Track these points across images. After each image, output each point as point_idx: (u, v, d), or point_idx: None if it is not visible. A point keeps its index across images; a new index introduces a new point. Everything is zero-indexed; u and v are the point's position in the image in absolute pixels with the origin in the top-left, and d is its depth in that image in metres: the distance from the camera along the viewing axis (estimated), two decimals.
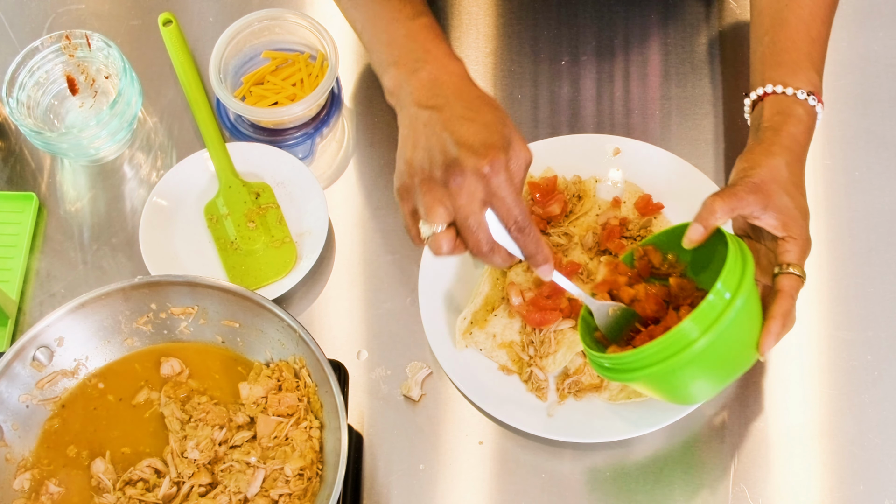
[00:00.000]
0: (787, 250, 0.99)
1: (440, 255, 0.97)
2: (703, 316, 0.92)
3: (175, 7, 1.37)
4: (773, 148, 1.02)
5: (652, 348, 0.94)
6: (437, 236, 0.96)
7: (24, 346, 1.04)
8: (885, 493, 1.08)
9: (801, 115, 1.05)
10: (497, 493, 1.11)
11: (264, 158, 1.25)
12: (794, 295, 0.98)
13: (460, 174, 0.94)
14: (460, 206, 0.94)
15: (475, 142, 0.94)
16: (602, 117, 1.27)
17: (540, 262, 0.99)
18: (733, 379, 1.01)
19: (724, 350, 0.95)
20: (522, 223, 0.96)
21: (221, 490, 1.02)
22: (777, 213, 0.99)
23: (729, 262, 0.94)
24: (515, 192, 0.95)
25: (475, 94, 1.00)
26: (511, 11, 1.33)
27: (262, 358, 1.09)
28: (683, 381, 0.97)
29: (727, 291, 0.93)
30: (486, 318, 1.15)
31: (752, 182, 0.99)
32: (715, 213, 0.98)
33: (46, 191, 1.28)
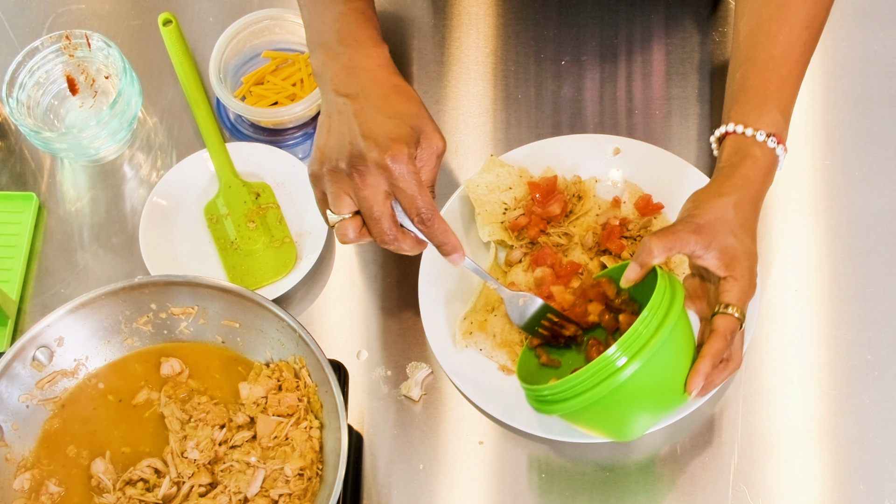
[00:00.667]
0: (726, 290, 0.98)
1: (346, 242, 1.01)
2: (629, 343, 0.93)
3: (175, 7, 1.37)
4: (723, 189, 1.02)
5: (581, 376, 0.94)
6: (342, 223, 1.00)
7: (24, 346, 1.04)
8: (885, 493, 1.08)
9: (758, 157, 1.05)
10: (497, 493, 1.11)
11: (264, 158, 1.25)
12: (727, 336, 0.97)
13: (363, 166, 0.97)
14: (363, 197, 0.98)
15: (380, 134, 0.97)
16: (603, 117, 1.27)
17: (448, 251, 1.01)
18: (665, 415, 1.00)
19: (654, 381, 0.94)
20: (426, 214, 0.98)
21: (221, 490, 1.02)
22: (719, 253, 0.98)
23: (656, 293, 0.95)
24: (418, 183, 0.97)
25: (391, 83, 1.02)
26: (511, 11, 1.33)
27: (262, 358, 1.09)
28: (616, 412, 0.96)
29: (653, 320, 0.93)
30: (486, 318, 1.15)
31: (696, 223, 0.99)
32: (652, 253, 0.98)
33: (46, 191, 1.28)
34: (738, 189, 1.02)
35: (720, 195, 1.01)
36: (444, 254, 1.01)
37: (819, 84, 1.26)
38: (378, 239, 1.00)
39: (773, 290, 1.17)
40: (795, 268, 1.18)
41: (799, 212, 1.20)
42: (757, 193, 1.04)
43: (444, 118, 1.28)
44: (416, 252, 1.02)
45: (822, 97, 1.26)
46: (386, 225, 0.98)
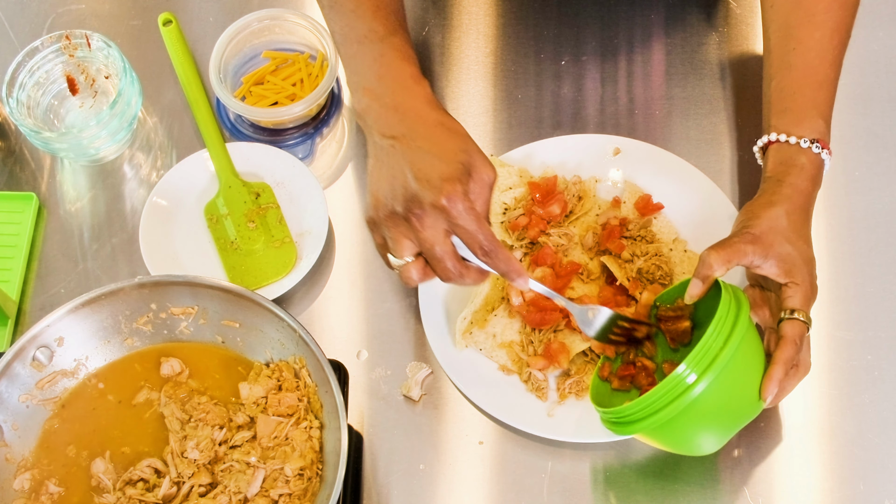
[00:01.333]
0: (790, 296, 1.00)
1: (411, 285, 1.01)
2: (698, 359, 0.94)
3: (175, 7, 1.37)
4: (774, 198, 1.03)
5: (652, 396, 0.95)
6: (406, 267, 1.00)
7: (24, 346, 1.04)
8: (885, 493, 1.08)
9: (805, 164, 1.06)
10: (497, 493, 1.11)
11: (264, 158, 1.25)
12: (797, 341, 0.98)
13: (420, 209, 0.96)
14: (423, 238, 0.97)
15: (433, 175, 0.96)
16: (603, 117, 1.27)
17: (514, 277, 1.00)
18: (740, 426, 1.00)
19: (725, 395, 0.95)
20: (488, 247, 0.98)
21: (221, 490, 1.02)
22: (778, 261, 1.00)
23: (721, 306, 0.95)
24: (476, 218, 0.97)
25: (435, 120, 1.01)
26: (511, 11, 1.33)
27: (262, 358, 1.09)
28: (688, 429, 0.97)
29: (721, 335, 0.94)
30: (486, 318, 1.15)
31: (751, 233, 1.00)
32: (711, 267, 0.99)
33: (46, 191, 1.28)
34: (789, 198, 1.03)
35: (772, 205, 1.03)
36: (510, 280, 1.01)
37: None
38: (443, 277, 0.99)
39: None
40: None
41: None
42: (807, 200, 1.05)
43: None
44: (481, 283, 1.02)
45: None
46: (450, 264, 0.98)
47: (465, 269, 1.00)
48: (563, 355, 1.11)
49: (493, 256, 0.98)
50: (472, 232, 0.97)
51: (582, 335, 1.12)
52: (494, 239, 0.98)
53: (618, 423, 0.99)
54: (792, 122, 1.08)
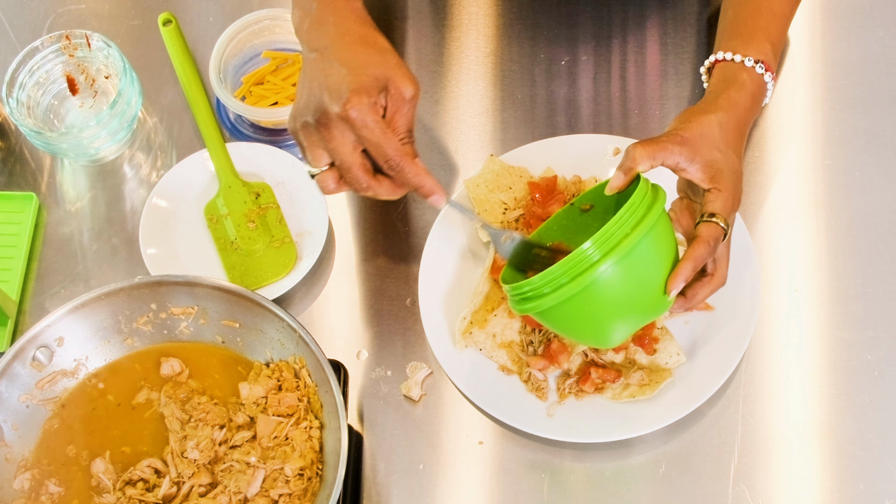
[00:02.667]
0: (710, 200, 1.00)
1: (328, 193, 1.03)
2: (604, 238, 0.93)
3: (175, 7, 1.37)
4: (709, 107, 1.05)
5: (556, 271, 0.94)
6: (322, 176, 1.02)
7: (24, 346, 1.05)
8: (885, 493, 1.08)
9: (745, 81, 1.08)
10: (497, 493, 1.11)
11: (264, 158, 1.25)
12: (710, 242, 0.98)
13: (327, 120, 0.99)
14: (332, 149, 1.00)
15: (342, 87, 0.99)
16: (601, 117, 1.27)
17: (426, 193, 1.02)
18: (644, 321, 1.01)
19: (629, 281, 0.95)
20: (393, 161, 1.00)
21: (221, 490, 1.02)
22: (703, 166, 1.00)
23: (635, 194, 0.95)
24: (381, 131, 0.99)
25: (358, 34, 1.03)
26: (511, 11, 1.33)
27: (262, 358, 1.09)
28: (590, 313, 0.96)
29: (631, 219, 0.94)
30: (486, 318, 1.15)
31: (681, 135, 1.01)
32: (635, 160, 0.99)
33: (46, 191, 1.28)
34: (724, 109, 1.05)
35: (706, 112, 1.04)
36: (422, 196, 1.02)
37: (819, 84, 1.27)
38: (354, 188, 1.02)
39: (773, 290, 1.17)
40: (795, 268, 1.18)
41: (799, 212, 1.20)
42: (743, 116, 1.07)
43: (444, 118, 1.28)
44: (396, 196, 1.04)
45: (822, 97, 1.26)
46: (357, 173, 1.01)
47: (374, 181, 1.02)
48: (563, 355, 1.11)
49: (398, 170, 1.00)
50: (377, 144, 0.99)
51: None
52: (401, 153, 1.00)
53: (522, 300, 0.98)
54: (740, 43, 1.10)
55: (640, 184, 0.97)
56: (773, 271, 1.17)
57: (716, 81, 1.09)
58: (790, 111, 1.25)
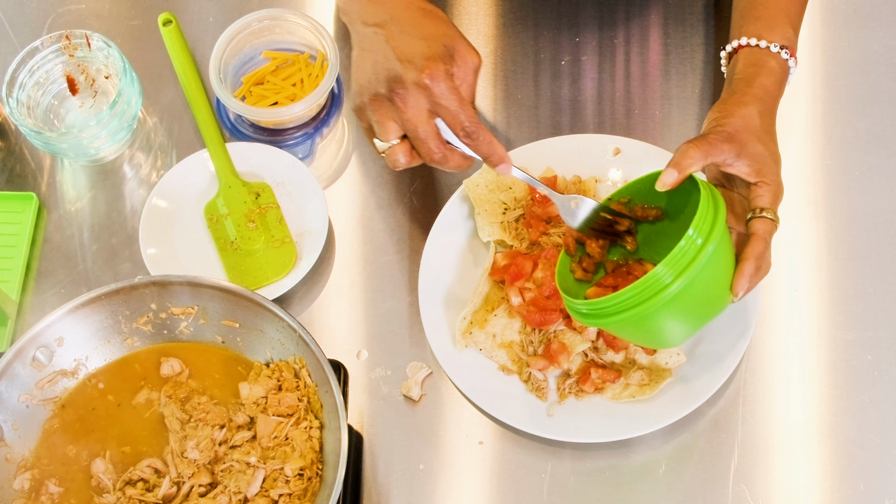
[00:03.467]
0: (760, 195, 1.01)
1: (398, 167, 1.04)
2: (676, 261, 0.94)
3: (175, 7, 1.37)
4: (745, 98, 1.05)
5: (627, 294, 0.95)
6: (392, 150, 1.03)
7: (24, 346, 1.04)
8: (885, 493, 1.08)
9: (774, 68, 1.08)
10: (497, 493, 1.11)
11: (264, 158, 1.25)
12: (766, 238, 0.99)
13: (402, 88, 0.99)
14: (407, 119, 1.00)
15: (415, 55, 0.99)
16: (602, 117, 1.27)
17: (495, 161, 1.04)
18: (708, 321, 1.02)
19: (698, 294, 0.96)
20: (470, 128, 1.01)
21: (221, 490, 1.02)
22: (750, 160, 1.01)
23: (701, 208, 0.95)
24: (459, 99, 1.00)
25: (418, 6, 1.04)
26: (511, 11, 1.33)
27: (262, 358, 1.09)
28: (659, 325, 0.98)
29: (699, 237, 0.94)
30: (486, 318, 1.15)
31: (726, 131, 1.01)
32: (689, 159, 0.99)
33: (46, 191, 1.28)
34: (760, 99, 1.05)
35: (744, 104, 1.04)
36: (491, 165, 1.04)
37: (819, 84, 1.27)
38: (427, 158, 1.03)
39: (773, 290, 1.17)
40: (795, 268, 1.18)
41: (799, 212, 1.20)
42: (774, 102, 1.07)
43: None
44: (464, 168, 1.05)
45: (822, 97, 1.26)
46: (433, 143, 1.01)
47: (448, 151, 1.03)
48: (563, 355, 1.11)
49: (474, 138, 1.01)
50: (454, 112, 1.00)
51: (582, 336, 1.12)
52: (477, 120, 1.01)
53: (588, 315, 0.99)
54: (763, 28, 1.10)
55: (703, 193, 0.97)
56: (774, 271, 1.17)
57: (743, 67, 1.09)
58: (790, 111, 1.25)
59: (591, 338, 1.12)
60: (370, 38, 1.03)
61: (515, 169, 1.05)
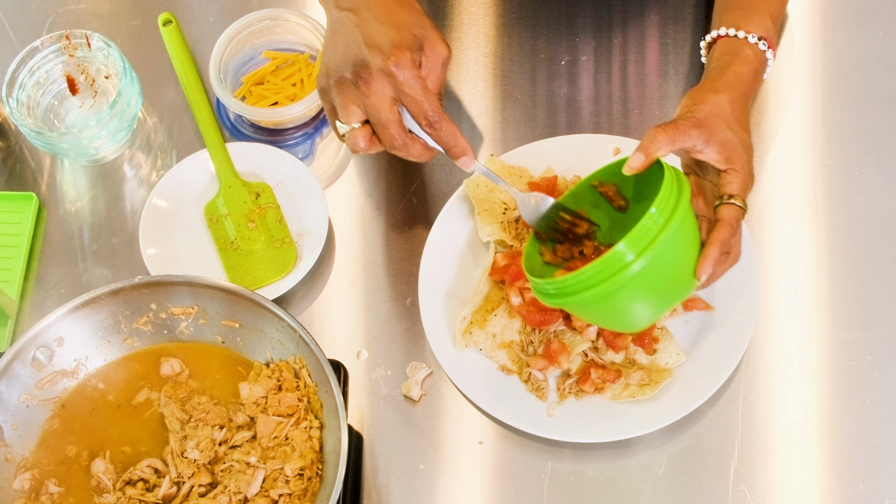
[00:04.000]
0: (728, 182, 1.01)
1: (357, 151, 1.04)
2: (638, 238, 0.94)
3: (175, 7, 1.37)
4: (717, 85, 1.05)
5: (589, 271, 0.95)
6: (353, 133, 1.03)
7: (24, 346, 1.04)
8: (885, 493, 1.08)
9: (749, 56, 1.09)
10: (497, 493, 1.11)
11: (264, 158, 1.25)
12: (733, 224, 0.99)
13: (368, 73, 1.00)
14: (370, 104, 1.00)
15: (383, 42, 1.00)
16: (601, 117, 1.27)
17: (457, 154, 1.03)
18: (674, 304, 1.02)
19: (661, 273, 0.96)
20: (432, 118, 1.01)
21: (221, 490, 1.02)
22: (719, 147, 1.01)
23: (664, 188, 0.95)
24: (423, 88, 1.00)
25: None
26: (511, 11, 1.33)
27: (262, 358, 1.09)
28: (624, 305, 0.98)
29: (661, 216, 0.94)
30: (486, 318, 1.15)
31: (695, 117, 1.01)
32: (656, 143, 0.99)
33: (46, 191, 1.28)
34: (732, 86, 1.05)
35: (716, 91, 1.04)
36: (453, 157, 1.04)
37: (819, 84, 1.27)
38: (388, 145, 1.03)
39: (773, 290, 1.17)
40: (795, 268, 1.18)
41: (799, 212, 1.20)
42: (748, 91, 1.07)
43: None
44: (425, 159, 1.05)
45: (822, 97, 1.26)
46: (394, 130, 1.01)
47: (410, 139, 1.03)
48: (563, 355, 1.11)
49: (437, 128, 1.01)
50: (418, 100, 1.00)
51: (582, 336, 1.12)
52: (440, 110, 1.01)
53: (552, 295, 0.99)
54: (741, 18, 1.10)
55: (666, 174, 0.97)
56: (773, 271, 1.17)
57: (718, 55, 1.09)
58: (790, 111, 1.25)
59: (591, 338, 1.12)
60: (342, 22, 1.03)
61: (477, 164, 1.05)
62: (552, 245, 1.08)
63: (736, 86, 1.06)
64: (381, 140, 1.03)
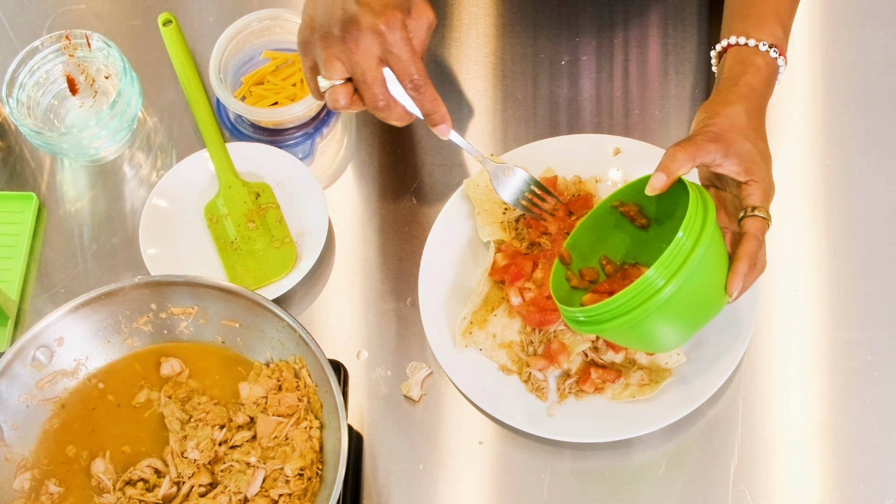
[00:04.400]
0: (750, 194, 1.00)
1: (337, 108, 1.02)
2: (667, 264, 0.94)
3: (175, 7, 1.37)
4: (731, 97, 1.04)
5: (620, 299, 0.95)
6: (334, 90, 1.02)
7: (24, 346, 1.04)
8: (885, 493, 1.08)
9: (761, 66, 1.08)
10: (497, 493, 1.11)
11: (264, 158, 1.25)
12: (759, 236, 0.99)
13: (357, 30, 0.98)
14: (356, 61, 0.99)
15: (373, 0, 0.98)
16: (602, 117, 1.27)
17: (437, 120, 1.04)
18: (705, 323, 1.02)
19: (692, 296, 0.96)
20: (418, 81, 1.00)
21: (221, 490, 1.02)
22: (738, 159, 1.00)
23: (690, 210, 0.95)
24: (411, 50, 1.00)
25: None
26: (511, 11, 1.33)
27: (262, 358, 1.09)
28: (656, 329, 0.98)
29: (688, 239, 0.94)
30: (486, 318, 1.15)
31: (713, 131, 1.01)
32: (676, 162, 0.99)
33: (46, 191, 1.28)
34: (746, 97, 1.05)
35: (730, 103, 1.04)
36: (431, 124, 1.04)
37: (819, 84, 1.27)
38: (370, 105, 1.01)
39: (773, 290, 1.17)
40: (795, 268, 1.18)
41: (799, 212, 1.20)
42: (761, 101, 1.07)
43: None
44: (404, 123, 1.04)
45: (822, 97, 1.26)
46: (378, 90, 1.00)
47: (393, 101, 1.02)
48: (563, 355, 1.11)
49: (421, 92, 1.01)
50: (405, 62, 0.99)
51: (582, 336, 1.12)
52: (426, 75, 1.00)
53: (584, 323, 0.99)
54: (751, 26, 1.09)
55: (691, 195, 0.97)
56: (773, 271, 1.17)
57: (730, 65, 1.09)
58: (790, 111, 1.25)
59: (591, 338, 1.12)
60: None
61: (453, 133, 1.05)
62: (578, 270, 1.09)
63: (749, 96, 1.05)
64: (364, 99, 1.02)
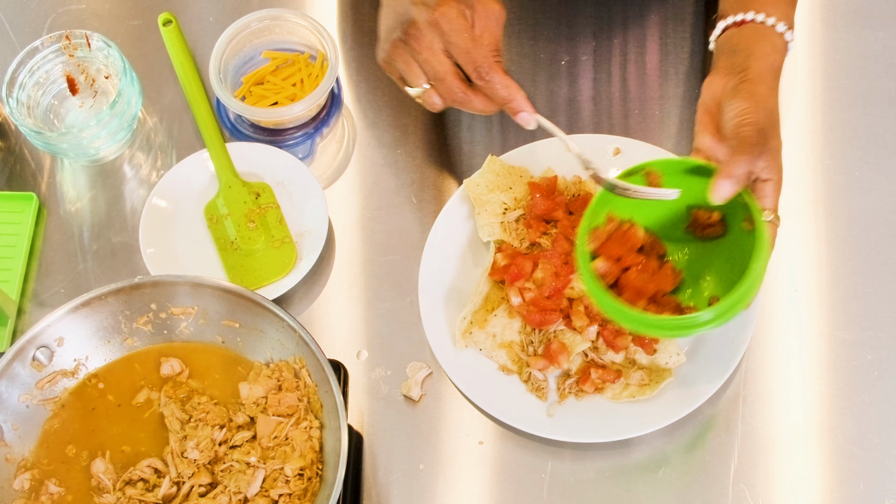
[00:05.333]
0: (767, 195, 1.00)
1: (436, 109, 1.03)
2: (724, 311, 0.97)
3: (175, 7, 1.37)
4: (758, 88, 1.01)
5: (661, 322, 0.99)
6: (426, 94, 1.02)
7: (24, 346, 1.04)
8: (885, 493, 1.08)
9: (778, 45, 1.06)
10: (497, 493, 1.11)
11: (264, 158, 1.25)
12: (773, 242, 1.00)
13: (416, 29, 0.99)
14: (424, 59, 1.00)
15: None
16: (601, 117, 1.27)
17: (515, 108, 1.01)
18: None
19: None
20: (483, 69, 0.99)
21: (221, 490, 1.02)
22: (769, 157, 0.99)
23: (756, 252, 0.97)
24: (471, 37, 0.99)
25: None
26: (511, 11, 1.33)
27: (262, 358, 1.09)
28: None
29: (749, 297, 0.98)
30: (486, 318, 1.15)
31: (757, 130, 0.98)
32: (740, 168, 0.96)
33: (46, 191, 1.28)
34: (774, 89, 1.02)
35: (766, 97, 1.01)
36: (510, 113, 1.01)
37: (819, 84, 1.27)
38: (448, 100, 1.02)
39: (773, 290, 1.17)
40: (795, 268, 1.18)
41: (799, 212, 1.21)
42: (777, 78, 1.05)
43: (445, 118, 1.28)
44: (490, 111, 1.03)
45: (822, 97, 1.26)
46: (451, 82, 1.00)
47: (471, 91, 1.01)
48: (563, 355, 1.11)
49: (487, 79, 0.99)
50: (466, 49, 0.99)
51: (582, 336, 1.12)
52: (491, 61, 0.99)
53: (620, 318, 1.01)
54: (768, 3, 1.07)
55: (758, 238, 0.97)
56: (773, 271, 1.17)
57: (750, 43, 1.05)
58: (790, 111, 1.25)
59: (591, 338, 1.12)
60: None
61: (541, 119, 1.02)
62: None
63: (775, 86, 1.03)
64: (443, 96, 1.02)
